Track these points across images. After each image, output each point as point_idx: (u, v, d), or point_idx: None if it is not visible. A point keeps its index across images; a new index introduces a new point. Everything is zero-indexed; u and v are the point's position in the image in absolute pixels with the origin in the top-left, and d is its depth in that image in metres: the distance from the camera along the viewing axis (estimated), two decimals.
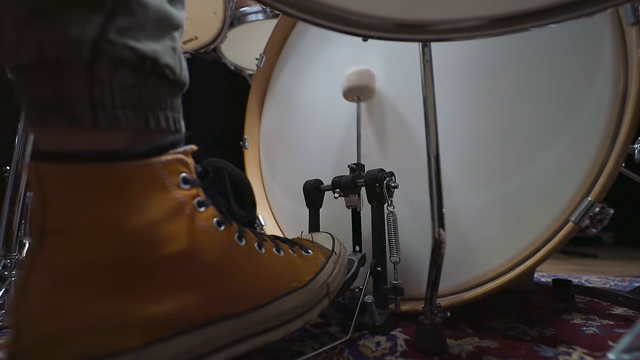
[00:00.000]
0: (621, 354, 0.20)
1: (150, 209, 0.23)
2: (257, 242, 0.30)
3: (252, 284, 0.28)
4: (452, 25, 0.26)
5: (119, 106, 0.22)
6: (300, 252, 0.34)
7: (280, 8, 0.26)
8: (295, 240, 0.37)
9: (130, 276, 0.22)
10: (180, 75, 0.26)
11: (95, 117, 0.22)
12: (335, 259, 0.37)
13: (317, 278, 0.33)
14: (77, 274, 0.20)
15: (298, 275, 0.32)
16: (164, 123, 0.25)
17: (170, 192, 0.24)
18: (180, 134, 0.27)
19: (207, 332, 0.24)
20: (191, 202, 0.25)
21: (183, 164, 0.25)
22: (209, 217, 0.26)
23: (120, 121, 0.22)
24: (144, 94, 0.24)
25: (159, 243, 0.23)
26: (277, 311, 0.28)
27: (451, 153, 0.45)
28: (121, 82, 0.22)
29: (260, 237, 0.31)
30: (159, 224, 0.23)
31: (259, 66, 0.76)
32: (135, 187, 0.22)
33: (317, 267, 0.34)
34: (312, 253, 0.35)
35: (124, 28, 0.22)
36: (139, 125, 0.23)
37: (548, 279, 0.78)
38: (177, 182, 0.25)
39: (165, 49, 0.25)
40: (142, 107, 0.24)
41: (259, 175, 0.77)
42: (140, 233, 0.22)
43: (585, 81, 0.39)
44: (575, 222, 0.36)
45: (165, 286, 0.23)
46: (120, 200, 0.22)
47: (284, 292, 0.29)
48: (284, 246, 0.33)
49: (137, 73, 0.23)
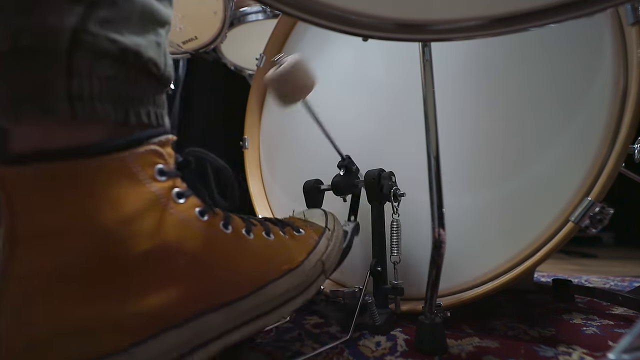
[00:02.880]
0: (621, 354, 0.20)
1: (125, 205, 0.22)
2: (245, 228, 0.29)
3: (241, 272, 0.27)
4: (452, 25, 0.26)
5: (98, 99, 0.22)
6: (291, 233, 0.34)
7: (280, 8, 0.26)
8: (287, 221, 0.36)
9: (110, 275, 0.21)
10: (164, 71, 0.26)
11: (73, 109, 0.21)
12: (329, 235, 0.36)
13: (309, 258, 0.32)
14: (54, 278, 0.20)
15: (289, 256, 0.31)
16: (146, 118, 0.24)
17: (144, 186, 0.23)
18: (162, 128, 0.26)
19: (196, 325, 0.24)
20: (169, 193, 0.24)
21: (157, 155, 0.24)
22: (189, 207, 0.25)
23: (98, 114, 0.22)
24: (124, 88, 0.23)
25: (135, 238, 0.22)
26: (269, 296, 0.28)
27: (451, 153, 0.45)
28: (101, 74, 0.22)
29: (248, 222, 0.30)
30: (135, 219, 0.22)
31: (259, 66, 0.76)
32: (106, 183, 0.22)
33: (310, 246, 0.33)
34: (304, 232, 0.35)
35: (106, 20, 0.22)
36: (118, 119, 0.23)
37: (548, 279, 0.78)
38: (152, 174, 0.24)
39: (149, 43, 0.24)
40: (123, 101, 0.23)
41: (259, 175, 0.77)
42: (116, 229, 0.21)
43: (585, 81, 0.39)
44: (575, 222, 0.36)
45: (147, 282, 0.22)
46: (92, 197, 0.21)
47: (275, 277, 0.29)
48: (274, 229, 0.32)
49: (119, 66, 0.22)
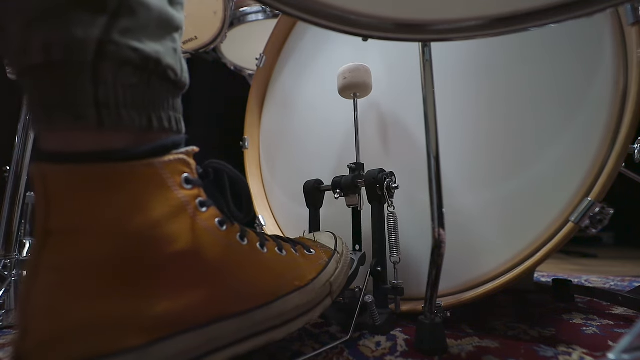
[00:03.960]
0: (621, 354, 0.20)
1: (153, 209, 0.23)
2: (259, 242, 0.30)
3: (255, 283, 0.28)
4: (452, 25, 0.26)
5: (123, 106, 0.23)
6: (302, 252, 0.34)
7: (280, 8, 0.26)
8: (297, 240, 0.37)
9: (133, 275, 0.22)
10: (181, 76, 0.27)
11: (100, 116, 0.22)
12: (337, 258, 0.37)
13: (319, 277, 0.33)
14: (81, 274, 0.21)
15: (300, 274, 0.32)
16: (167, 123, 0.26)
17: (173, 192, 0.24)
18: (182, 135, 0.27)
19: (210, 330, 0.24)
20: (193, 202, 0.25)
21: (185, 164, 0.26)
22: (210, 217, 0.26)
23: (124, 120, 0.23)
24: (147, 94, 0.24)
25: (162, 242, 0.23)
26: (279, 310, 0.29)
27: (451, 153, 0.45)
28: (125, 82, 0.23)
29: (262, 237, 0.31)
30: (162, 223, 0.23)
31: (259, 66, 0.76)
32: (138, 187, 0.23)
33: (320, 266, 0.34)
34: (314, 252, 0.35)
35: (127, 29, 0.22)
36: (142, 124, 0.24)
37: (548, 279, 0.78)
38: (180, 182, 0.25)
39: (167, 50, 0.25)
40: (145, 107, 0.24)
41: (259, 175, 0.77)
42: (144, 232, 0.22)
43: (585, 81, 0.39)
44: (575, 222, 0.36)
45: (168, 285, 0.23)
46: (123, 199, 0.22)
47: (286, 292, 0.30)
48: (286, 246, 0.33)
49: (140, 73, 0.23)
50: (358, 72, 0.50)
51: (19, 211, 0.53)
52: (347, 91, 0.51)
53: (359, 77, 0.50)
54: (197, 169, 0.28)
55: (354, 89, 0.51)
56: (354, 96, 0.51)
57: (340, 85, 0.51)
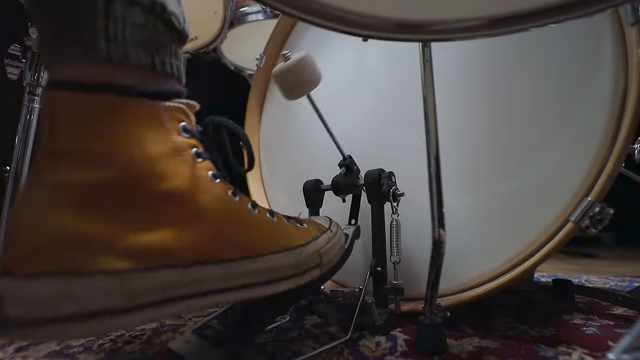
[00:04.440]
0: (621, 354, 0.20)
1: (150, 145, 0.24)
2: (250, 203, 0.31)
3: (242, 235, 0.28)
4: (452, 25, 0.26)
5: (130, 43, 0.24)
6: (294, 223, 0.35)
7: (280, 8, 0.26)
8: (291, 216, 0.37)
9: (126, 203, 0.23)
10: (183, 26, 0.28)
11: (109, 50, 0.23)
12: (330, 235, 0.37)
13: (309, 245, 0.33)
14: (77, 193, 0.21)
15: (289, 238, 0.32)
16: (169, 67, 0.27)
17: (170, 135, 0.26)
18: (182, 88, 0.28)
19: (196, 270, 0.25)
20: (189, 150, 0.27)
21: (184, 113, 0.27)
22: (204, 168, 0.27)
23: (130, 57, 0.24)
24: (152, 36, 0.25)
25: (157, 177, 0.24)
26: (265, 266, 0.29)
27: (451, 153, 0.45)
28: (133, 21, 0.24)
29: (253, 202, 0.31)
30: (157, 159, 0.24)
31: (259, 66, 0.76)
32: (138, 123, 0.24)
33: (310, 236, 0.34)
34: (306, 226, 0.36)
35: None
36: (146, 62, 0.25)
37: (548, 279, 0.78)
38: (177, 128, 0.26)
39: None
40: (150, 48, 0.25)
41: (259, 175, 0.77)
42: (141, 164, 0.23)
43: (585, 81, 0.39)
44: (575, 222, 0.36)
45: (159, 218, 0.24)
46: (124, 131, 0.23)
47: (274, 250, 0.30)
48: (278, 214, 0.33)
49: (147, 15, 0.25)
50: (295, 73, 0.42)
51: None
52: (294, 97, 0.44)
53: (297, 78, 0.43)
54: (197, 127, 0.29)
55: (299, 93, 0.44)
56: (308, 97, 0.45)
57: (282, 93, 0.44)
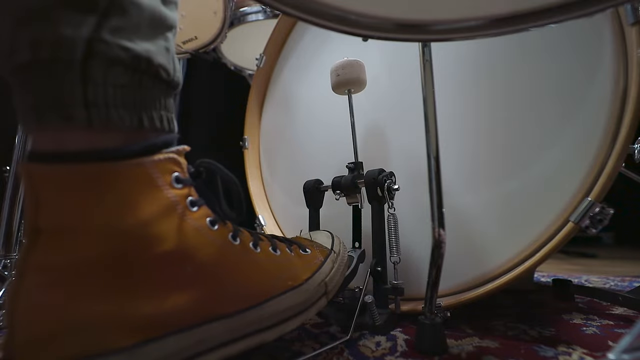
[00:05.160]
0: (621, 354, 0.20)
1: (142, 208, 0.23)
2: (252, 242, 0.30)
3: (247, 284, 0.28)
4: (452, 25, 0.26)
5: (112, 105, 0.23)
6: (297, 251, 0.34)
7: (280, 8, 0.26)
8: (293, 240, 0.37)
9: (122, 275, 0.22)
10: (173, 76, 0.27)
11: (89, 116, 0.22)
12: (334, 257, 0.37)
13: (314, 277, 0.33)
14: (70, 273, 0.21)
15: (294, 274, 0.31)
16: (158, 123, 0.25)
17: (162, 191, 0.24)
18: (174, 134, 0.27)
19: (200, 331, 0.24)
20: (184, 201, 0.25)
21: (175, 163, 0.26)
22: (201, 216, 0.26)
23: (113, 120, 0.23)
24: (137, 94, 0.24)
25: (151, 242, 0.23)
26: (271, 311, 0.28)
27: (451, 153, 0.45)
28: (115, 81, 0.23)
29: (256, 236, 0.31)
30: (151, 222, 0.23)
31: (259, 66, 0.76)
32: (127, 186, 0.23)
33: (315, 265, 0.34)
34: (310, 252, 0.35)
35: (117, 28, 0.22)
36: (132, 124, 0.24)
37: (548, 279, 0.78)
38: (170, 182, 0.25)
39: (159, 49, 0.25)
40: (136, 107, 0.24)
41: (259, 175, 0.77)
42: (133, 232, 0.22)
43: (585, 81, 0.39)
44: (575, 222, 0.36)
45: (158, 285, 0.23)
46: (112, 199, 0.22)
47: (279, 292, 0.29)
48: (281, 245, 0.33)
49: (131, 73, 0.23)
50: (352, 67, 0.50)
51: (19, 211, 0.53)
52: (341, 87, 0.51)
53: (352, 72, 0.50)
54: (189, 168, 0.28)
55: (348, 85, 0.50)
56: (348, 92, 0.51)
57: (334, 82, 0.51)
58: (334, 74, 0.51)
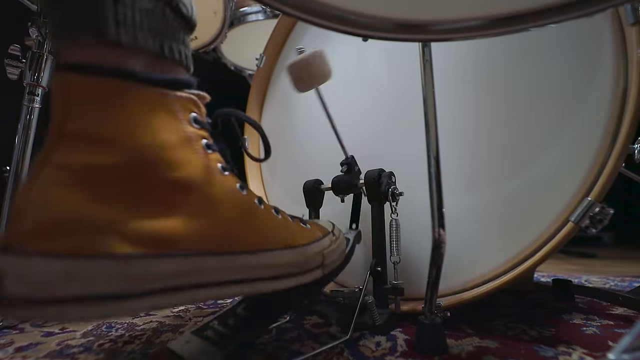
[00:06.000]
0: (621, 354, 0.20)
1: (162, 133, 0.24)
2: (257, 199, 0.31)
3: (249, 230, 0.28)
4: (452, 25, 0.26)
5: (139, 27, 0.24)
6: (298, 223, 0.35)
7: (280, 8, 0.26)
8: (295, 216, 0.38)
9: (135, 189, 0.23)
10: (192, 14, 0.29)
11: (118, 33, 0.23)
12: (332, 238, 0.37)
13: (312, 244, 0.33)
14: (86, 176, 0.22)
15: (293, 236, 0.32)
16: (177, 55, 0.27)
17: (181, 124, 0.26)
18: (192, 78, 0.28)
19: (198, 260, 0.25)
20: (200, 140, 0.27)
21: (194, 104, 0.27)
22: (215, 160, 0.28)
23: (139, 42, 0.24)
24: (161, 22, 0.26)
25: (167, 165, 0.24)
26: (268, 261, 0.29)
27: (451, 153, 0.45)
28: (142, 5, 0.24)
29: (260, 198, 0.31)
30: (168, 147, 0.24)
31: (259, 66, 0.76)
32: (151, 111, 0.24)
33: (314, 237, 0.34)
34: (309, 227, 0.36)
35: None
36: (155, 48, 0.25)
37: (548, 279, 0.78)
38: (188, 119, 0.26)
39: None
40: (159, 34, 0.25)
41: (259, 175, 0.77)
42: (149, 151, 0.23)
43: (585, 81, 0.39)
44: (575, 222, 0.36)
45: (163, 207, 0.24)
46: (136, 117, 0.23)
47: (277, 246, 0.30)
48: (282, 213, 0.34)
49: (156, 1, 0.25)
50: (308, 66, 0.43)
51: None
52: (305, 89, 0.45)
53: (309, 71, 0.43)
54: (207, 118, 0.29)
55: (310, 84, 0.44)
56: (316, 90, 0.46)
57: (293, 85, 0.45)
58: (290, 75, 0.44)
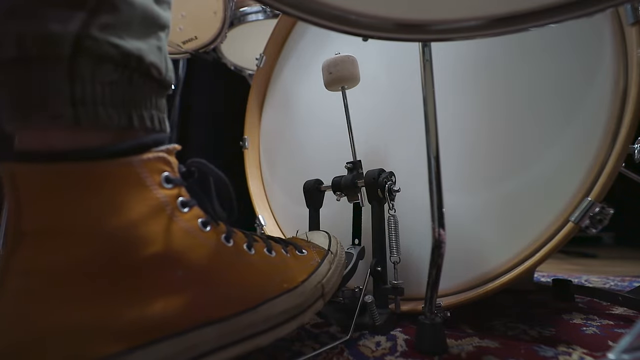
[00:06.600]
0: (621, 354, 0.20)
1: (130, 209, 0.22)
2: (246, 243, 0.29)
3: (240, 287, 0.27)
4: (452, 25, 0.26)
5: (101, 103, 0.22)
6: (293, 252, 0.34)
7: (280, 8, 0.26)
8: (289, 240, 0.37)
9: (110, 278, 0.21)
10: (165, 75, 0.26)
11: (76, 114, 0.21)
12: (331, 258, 0.36)
13: (310, 279, 0.32)
14: (55, 277, 0.20)
15: (290, 276, 0.31)
16: (149, 122, 0.25)
17: (151, 192, 0.23)
18: (165, 134, 0.26)
19: (192, 337, 0.23)
20: (174, 202, 0.25)
21: (165, 162, 0.25)
22: (193, 217, 0.26)
23: (102, 119, 0.22)
24: (127, 92, 0.23)
25: (139, 244, 0.22)
26: (265, 315, 0.27)
27: (451, 153, 0.45)
28: (104, 79, 0.22)
29: (250, 237, 0.30)
30: (139, 224, 0.22)
31: (259, 66, 0.76)
32: (114, 186, 0.22)
33: (311, 267, 0.33)
34: (306, 253, 0.35)
35: (107, 25, 0.22)
36: (121, 123, 0.23)
37: (548, 279, 0.78)
38: (159, 181, 0.24)
39: (150, 47, 0.25)
40: (126, 105, 0.23)
41: (259, 175, 0.77)
42: (120, 233, 0.21)
43: (585, 81, 0.39)
44: (575, 222, 0.36)
45: (147, 289, 0.22)
46: (98, 199, 0.21)
47: (274, 295, 0.28)
48: (276, 246, 0.32)
49: (121, 70, 0.23)
50: (344, 64, 0.49)
51: None
52: (335, 85, 0.50)
53: (345, 69, 0.49)
54: (180, 168, 0.27)
55: (341, 82, 0.50)
56: (342, 89, 0.50)
57: (327, 80, 0.50)
58: (326, 71, 0.50)
